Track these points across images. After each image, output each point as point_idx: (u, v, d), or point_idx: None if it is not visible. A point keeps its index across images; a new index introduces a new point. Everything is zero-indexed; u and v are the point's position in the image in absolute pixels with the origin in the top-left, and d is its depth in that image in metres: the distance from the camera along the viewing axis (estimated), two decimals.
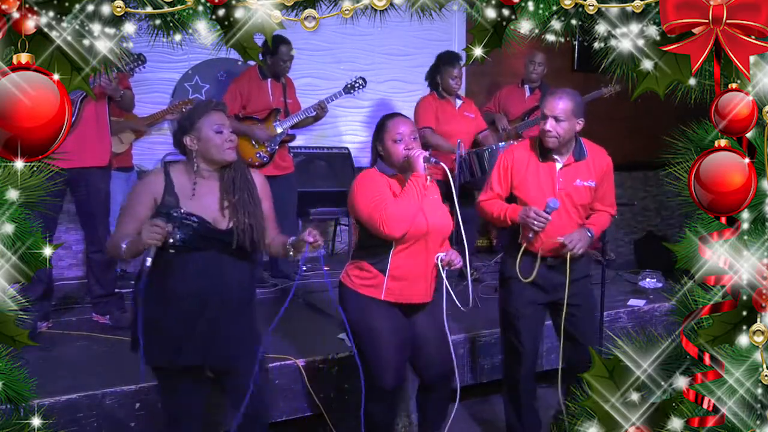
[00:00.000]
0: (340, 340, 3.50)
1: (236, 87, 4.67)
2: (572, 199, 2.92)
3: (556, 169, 2.92)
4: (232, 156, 2.38)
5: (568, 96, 2.87)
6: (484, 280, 4.72)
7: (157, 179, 2.35)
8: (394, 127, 2.68)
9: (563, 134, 2.84)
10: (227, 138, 2.37)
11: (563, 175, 2.92)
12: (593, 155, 2.98)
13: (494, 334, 3.70)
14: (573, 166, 2.93)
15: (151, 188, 2.34)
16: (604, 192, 3.01)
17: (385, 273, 2.66)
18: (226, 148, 2.36)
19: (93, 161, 3.59)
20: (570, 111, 2.83)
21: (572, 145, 2.93)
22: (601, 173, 2.97)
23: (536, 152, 2.95)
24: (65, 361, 3.24)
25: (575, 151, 2.93)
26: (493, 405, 3.71)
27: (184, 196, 2.34)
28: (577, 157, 2.93)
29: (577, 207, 2.94)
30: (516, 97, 5.38)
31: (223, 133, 2.36)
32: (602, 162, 2.99)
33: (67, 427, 2.70)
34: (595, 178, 2.95)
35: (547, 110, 2.85)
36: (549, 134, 2.84)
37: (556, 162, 2.93)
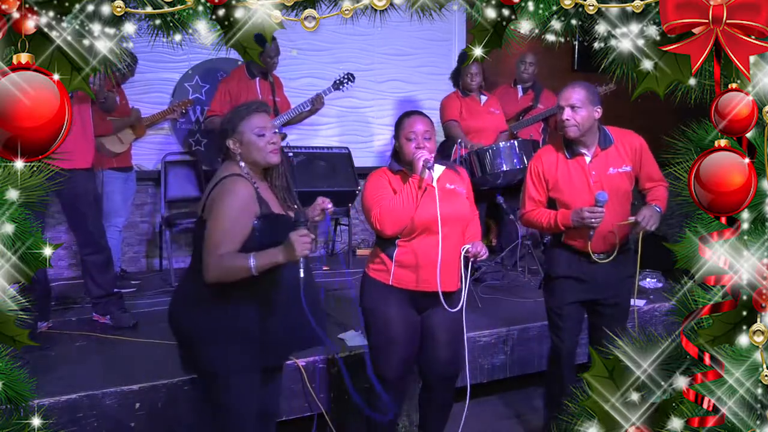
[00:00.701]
0: (340, 340, 3.50)
1: (225, 86, 4.69)
2: (609, 187, 2.89)
3: (587, 163, 2.92)
4: (275, 159, 2.33)
5: (581, 85, 2.90)
6: (484, 280, 4.72)
7: (249, 188, 2.25)
8: (408, 125, 2.71)
9: (581, 122, 2.85)
10: (270, 140, 2.31)
11: (594, 167, 2.91)
12: (621, 139, 2.96)
13: (494, 334, 3.71)
14: (602, 156, 2.92)
15: (249, 198, 2.24)
16: (647, 170, 2.98)
17: (392, 260, 2.70)
18: (269, 150, 2.31)
19: (78, 163, 3.51)
20: (585, 98, 2.85)
21: (596, 135, 2.93)
22: (635, 155, 2.95)
23: (563, 151, 2.96)
24: (65, 361, 3.24)
25: (600, 140, 2.93)
26: (494, 405, 3.71)
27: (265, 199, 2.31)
28: (604, 146, 2.93)
29: (618, 194, 2.91)
30: (509, 97, 5.40)
31: (266, 135, 2.31)
32: (633, 143, 2.97)
33: (67, 427, 2.70)
34: (629, 161, 2.94)
35: (563, 100, 2.87)
36: (568, 123, 2.85)
37: (585, 156, 2.93)
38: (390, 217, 2.64)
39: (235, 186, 2.23)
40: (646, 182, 3.00)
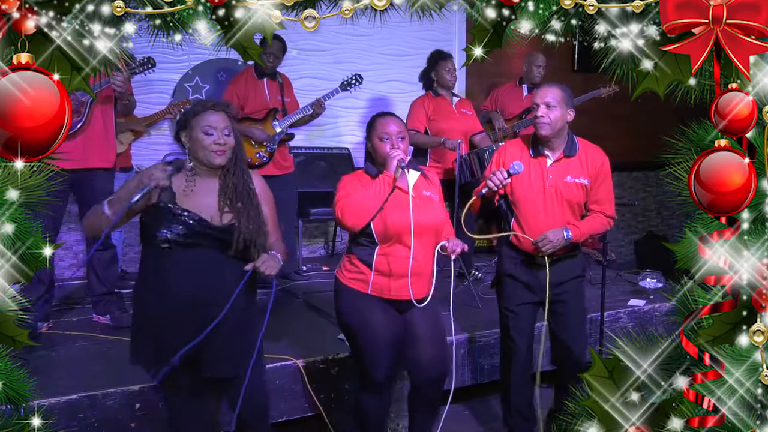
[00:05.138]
0: (340, 340, 3.50)
1: (233, 88, 4.67)
2: (562, 195, 2.92)
3: (547, 165, 2.95)
4: (218, 160, 2.29)
5: (558, 86, 2.94)
6: (484, 280, 4.72)
7: (151, 170, 2.26)
8: (381, 126, 2.72)
9: (554, 121, 2.87)
10: (216, 140, 2.27)
11: (554, 171, 2.94)
12: (586, 153, 2.98)
13: (494, 334, 3.70)
14: (564, 162, 2.95)
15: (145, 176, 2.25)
16: (599, 192, 2.99)
17: (371, 268, 2.69)
18: (212, 150, 2.28)
19: (99, 163, 3.61)
20: (561, 99, 2.89)
21: (564, 140, 2.95)
22: (595, 171, 2.96)
23: (528, 148, 2.98)
24: (65, 361, 3.24)
25: (566, 146, 2.95)
26: (493, 405, 3.71)
27: (180, 192, 2.30)
28: (568, 153, 2.95)
29: (569, 204, 2.94)
30: (513, 96, 5.38)
31: (213, 135, 2.27)
32: (596, 160, 2.98)
33: (67, 427, 2.71)
34: (587, 175, 2.95)
35: (539, 98, 2.91)
36: (542, 119, 2.88)
37: (547, 158, 2.95)
38: (352, 208, 2.62)
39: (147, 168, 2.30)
40: (591, 203, 3.00)
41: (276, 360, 3.18)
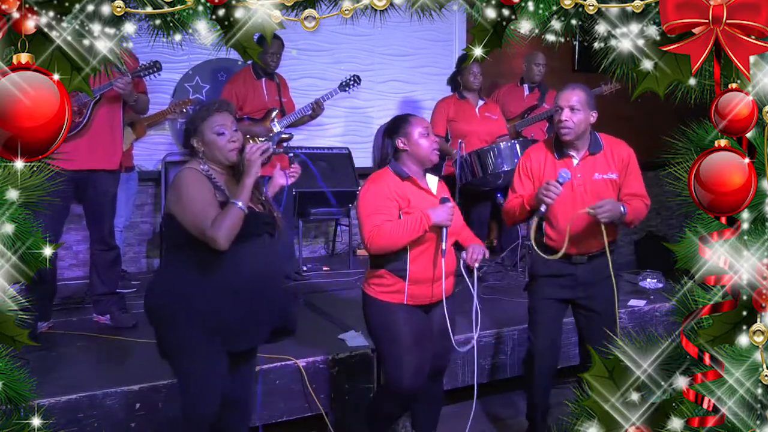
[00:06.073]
0: (340, 340, 3.50)
1: (232, 88, 4.67)
2: (591, 192, 2.89)
3: (573, 165, 2.92)
4: (235, 157, 2.38)
5: (581, 88, 2.91)
6: (486, 280, 4.72)
7: (197, 174, 2.33)
8: (420, 121, 2.71)
9: (578, 124, 2.85)
10: (230, 139, 2.37)
11: (581, 169, 2.91)
12: (611, 147, 2.97)
13: (494, 333, 3.71)
14: (589, 160, 2.93)
15: (198, 178, 2.32)
16: (632, 184, 2.96)
17: (405, 278, 2.65)
18: (228, 149, 2.36)
19: (103, 164, 3.59)
20: (585, 102, 2.86)
21: (588, 139, 2.93)
22: (622, 165, 2.95)
23: (552, 151, 2.96)
24: (65, 361, 3.24)
25: (590, 144, 2.93)
26: (493, 405, 3.71)
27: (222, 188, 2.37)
28: (593, 151, 2.93)
29: (599, 201, 2.86)
30: (515, 96, 5.39)
31: (225, 134, 2.36)
32: (622, 153, 2.97)
33: (67, 427, 2.70)
34: (615, 170, 2.93)
35: (563, 101, 2.87)
36: (565, 124, 2.85)
37: (573, 158, 2.93)
38: (382, 240, 2.58)
39: (183, 174, 2.34)
40: (627, 194, 2.96)
41: (276, 360, 3.17)
